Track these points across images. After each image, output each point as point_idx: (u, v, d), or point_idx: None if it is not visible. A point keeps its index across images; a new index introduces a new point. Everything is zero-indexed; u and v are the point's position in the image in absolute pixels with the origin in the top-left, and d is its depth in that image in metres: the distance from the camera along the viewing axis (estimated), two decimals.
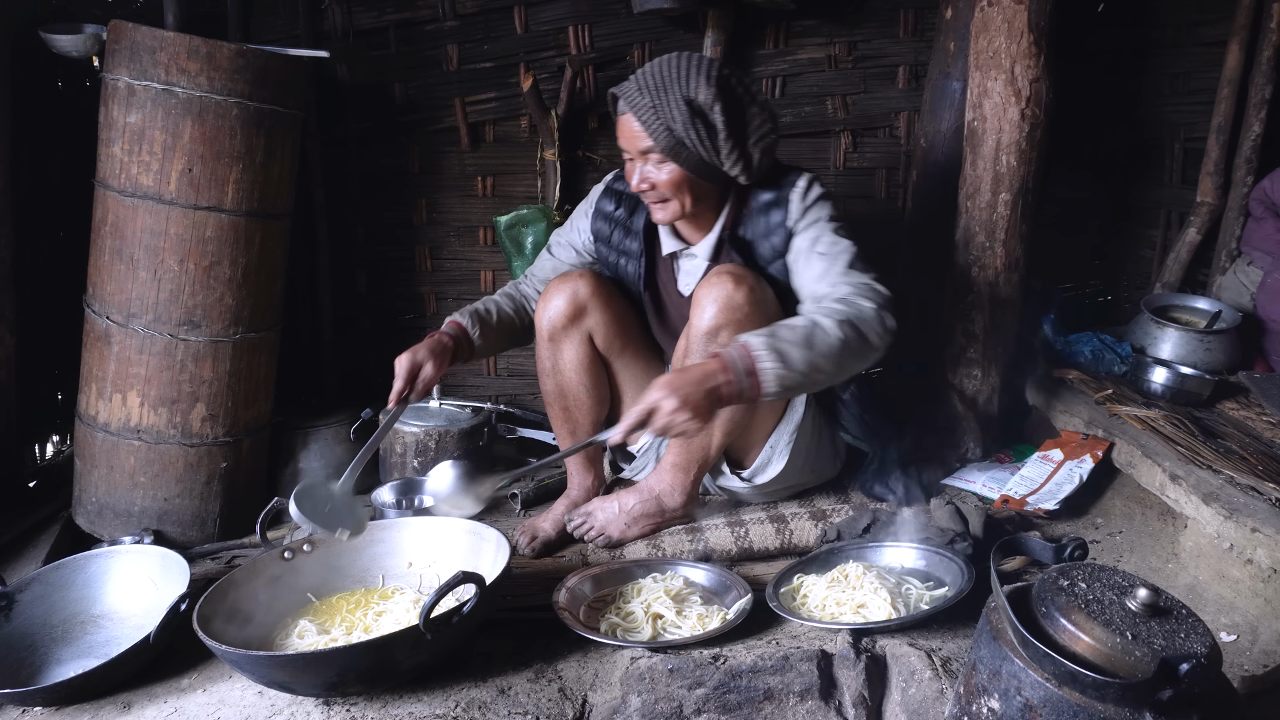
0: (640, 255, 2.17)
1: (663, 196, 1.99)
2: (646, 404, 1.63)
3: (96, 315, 2.29)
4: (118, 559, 1.98)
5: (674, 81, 1.89)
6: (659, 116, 1.89)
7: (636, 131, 1.93)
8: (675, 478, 2.10)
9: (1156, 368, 2.53)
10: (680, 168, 1.94)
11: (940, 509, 2.14)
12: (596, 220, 2.24)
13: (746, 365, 1.65)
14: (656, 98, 1.89)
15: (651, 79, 1.91)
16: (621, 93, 1.94)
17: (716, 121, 1.90)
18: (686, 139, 1.90)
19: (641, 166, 1.97)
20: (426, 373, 1.98)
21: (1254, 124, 2.86)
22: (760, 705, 1.58)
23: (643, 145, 1.93)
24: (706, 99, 1.89)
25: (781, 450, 2.15)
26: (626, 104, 1.93)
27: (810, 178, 2.03)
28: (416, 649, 1.52)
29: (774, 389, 1.66)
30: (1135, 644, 1.18)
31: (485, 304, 2.21)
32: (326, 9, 2.89)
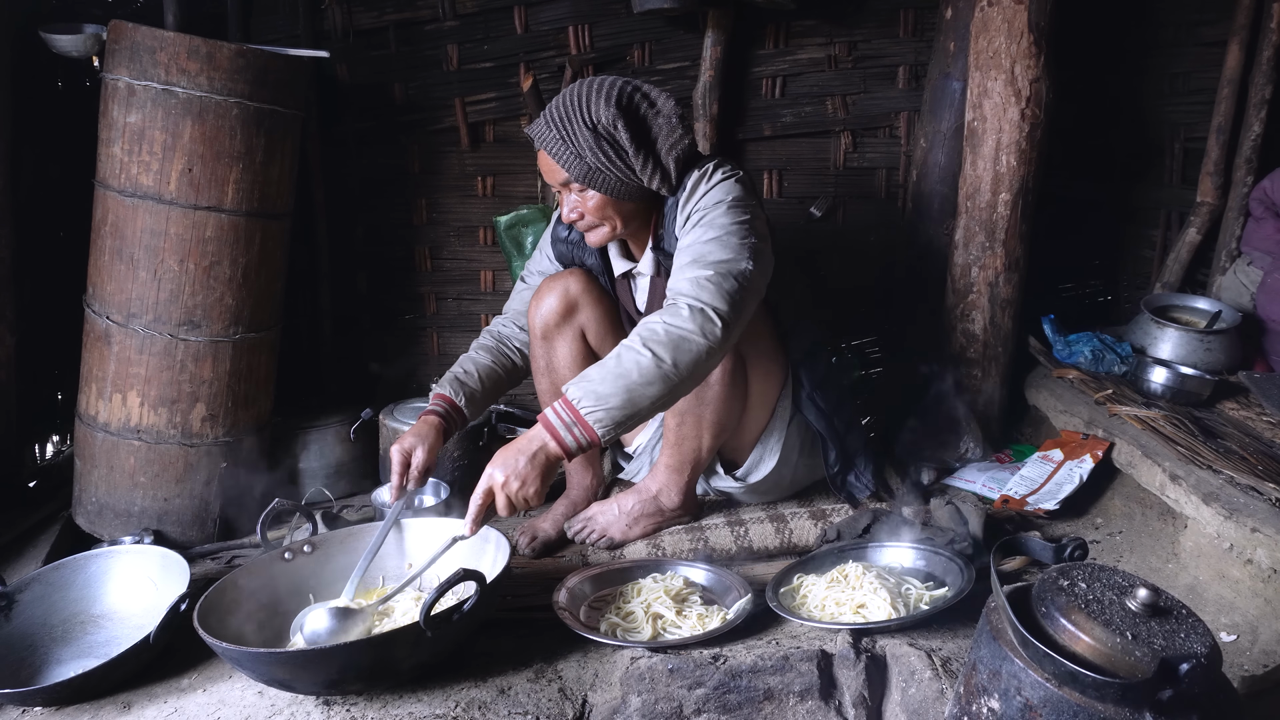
0: (603, 272, 2.19)
1: (592, 224, 2.01)
2: (484, 486, 1.69)
3: (96, 315, 2.29)
4: (118, 559, 1.98)
5: (574, 109, 1.90)
6: (568, 147, 1.90)
7: (552, 166, 1.94)
8: (670, 478, 2.10)
9: (1156, 368, 2.53)
10: (600, 193, 1.94)
11: (940, 509, 2.14)
12: (557, 246, 2.25)
13: (570, 417, 1.66)
14: (562, 129, 1.90)
15: (556, 111, 1.92)
16: (532, 131, 1.96)
17: (622, 140, 1.88)
18: (598, 164, 1.90)
19: (567, 197, 1.99)
20: (418, 459, 1.98)
21: (1254, 124, 2.86)
22: (760, 705, 1.58)
23: (560, 178, 1.95)
24: (608, 120, 1.88)
25: (772, 449, 2.15)
26: (538, 141, 1.94)
27: (700, 171, 1.92)
28: (417, 647, 1.52)
29: (605, 429, 1.65)
30: (1135, 644, 1.18)
31: (465, 366, 2.19)
32: (326, 9, 2.89)
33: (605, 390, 1.65)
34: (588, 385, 1.67)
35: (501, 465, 1.68)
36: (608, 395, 1.65)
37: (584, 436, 1.66)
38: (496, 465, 1.68)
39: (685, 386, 1.72)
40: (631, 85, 1.94)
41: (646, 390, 1.66)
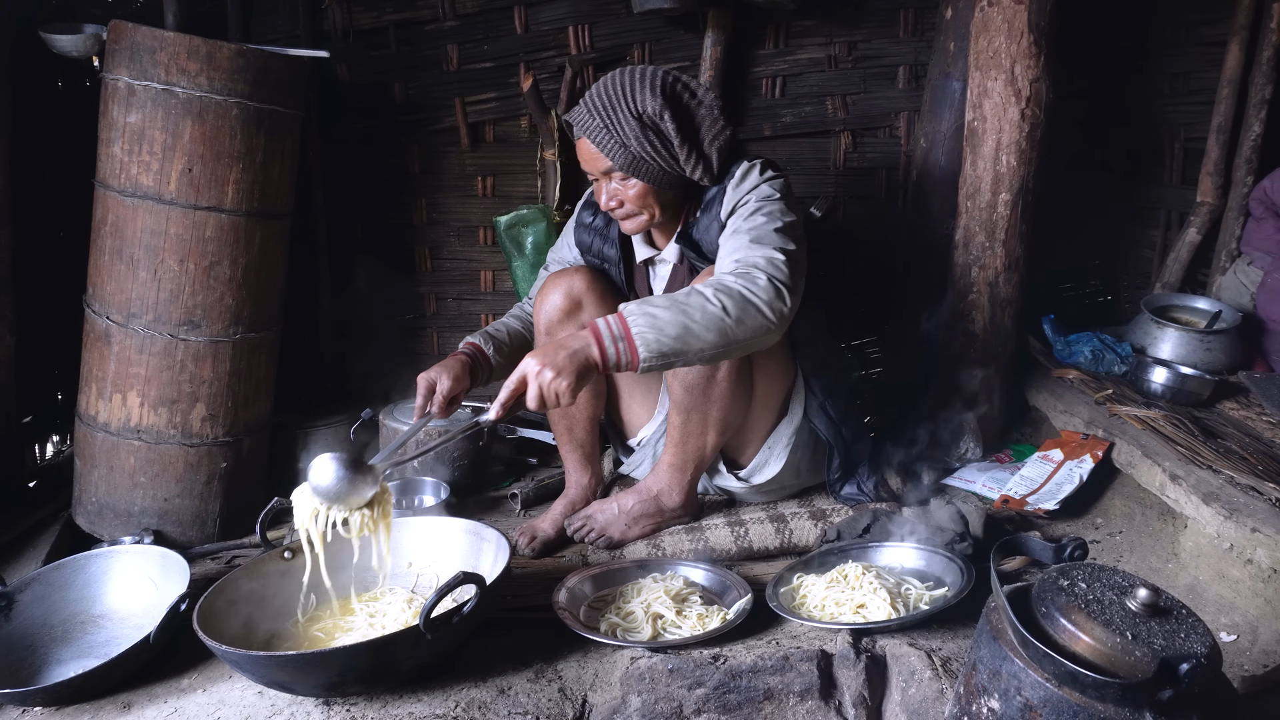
0: (619, 262, 2.21)
1: (630, 212, 2.03)
2: (519, 374, 1.64)
3: (96, 315, 2.29)
4: (118, 559, 1.98)
5: (620, 98, 1.92)
6: (612, 136, 1.92)
7: (594, 154, 1.96)
8: (672, 477, 2.10)
9: (1156, 368, 2.53)
10: (643, 182, 1.97)
11: (940, 509, 2.14)
12: (579, 233, 2.28)
13: (620, 330, 1.64)
14: (607, 117, 1.92)
15: (599, 99, 1.93)
16: (573, 118, 1.97)
17: (668, 130, 1.91)
18: (643, 153, 1.92)
19: (607, 185, 2.00)
20: (442, 386, 1.99)
21: (1254, 124, 2.86)
22: (760, 705, 1.58)
23: (603, 166, 1.96)
24: (655, 110, 1.90)
25: (780, 452, 2.15)
26: (580, 129, 1.95)
27: (750, 164, 1.98)
28: (417, 649, 1.52)
29: (648, 354, 1.63)
30: (1135, 644, 1.18)
31: (495, 325, 2.25)
32: (326, 9, 2.89)
33: (663, 319, 1.64)
34: (647, 308, 1.65)
35: (540, 356, 1.63)
36: (664, 324, 1.63)
37: (626, 354, 1.64)
38: (534, 356, 1.64)
39: (735, 350, 1.72)
40: (672, 75, 1.98)
41: (702, 336, 1.65)
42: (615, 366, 1.65)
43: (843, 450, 2.21)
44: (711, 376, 1.96)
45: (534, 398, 1.63)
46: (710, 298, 1.67)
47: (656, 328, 1.63)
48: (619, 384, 2.28)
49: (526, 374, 1.64)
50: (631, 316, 1.65)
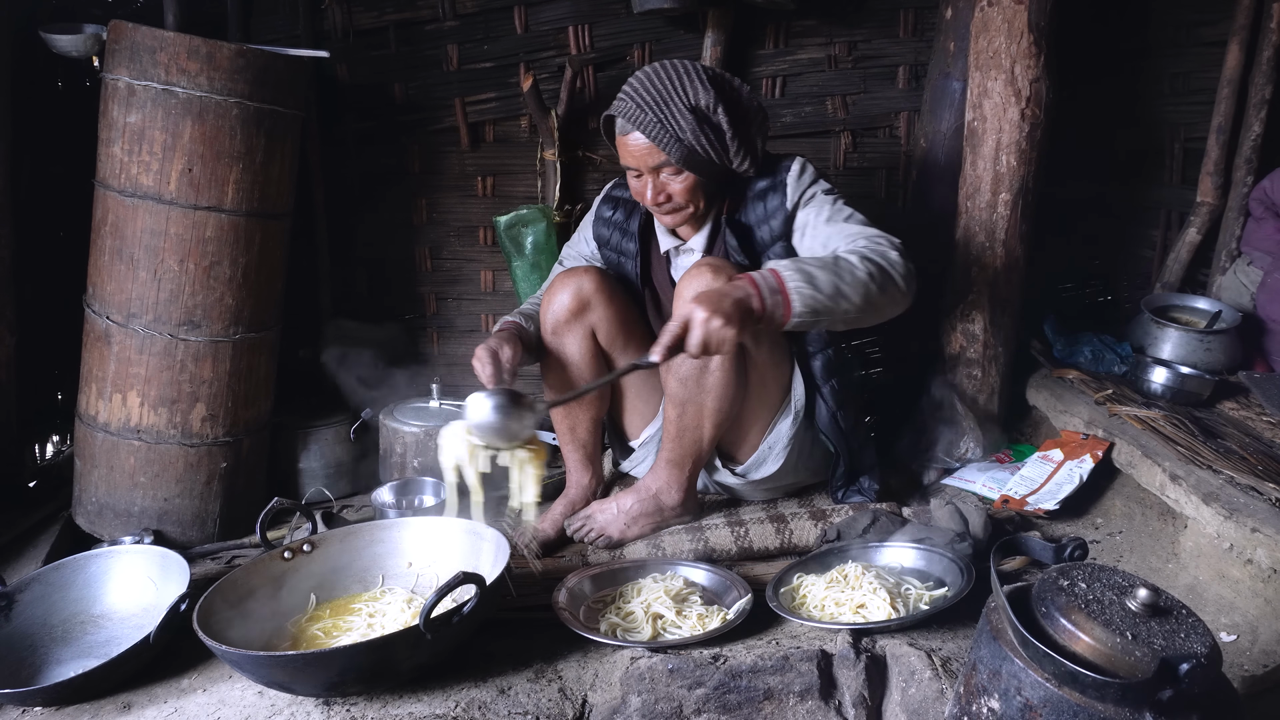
0: (636, 255, 2.22)
1: (678, 205, 2.04)
2: (681, 318, 1.64)
3: (96, 315, 2.29)
4: (118, 559, 1.98)
5: (673, 91, 1.92)
6: (667, 129, 1.92)
7: (646, 148, 1.95)
8: (670, 474, 2.10)
9: (1156, 368, 2.53)
10: (694, 174, 1.98)
11: (940, 509, 2.14)
12: (599, 227, 2.30)
13: (774, 284, 1.68)
14: (660, 111, 1.92)
15: (650, 94, 1.93)
16: (622, 113, 1.96)
17: (721, 122, 1.93)
18: (697, 145, 1.94)
19: (653, 180, 2.00)
20: (504, 354, 1.97)
21: (1254, 124, 2.86)
22: (760, 705, 1.58)
23: (656, 161, 1.96)
24: (708, 102, 1.92)
25: (779, 450, 2.15)
26: (630, 123, 1.95)
27: (803, 160, 2.08)
28: (416, 649, 1.52)
29: (802, 309, 1.67)
30: (1135, 644, 1.18)
31: (519, 311, 2.25)
32: (326, 9, 2.89)
33: (819, 277, 1.70)
34: (801, 264, 1.72)
35: (706, 302, 1.62)
36: (819, 282, 1.69)
37: (780, 307, 1.68)
38: (700, 301, 1.62)
39: (872, 317, 1.80)
40: (710, 69, 1.99)
41: (850, 297, 1.72)
42: (769, 320, 1.68)
43: (848, 459, 2.21)
44: (705, 367, 1.96)
45: (698, 343, 1.63)
46: (857, 263, 1.75)
47: (812, 283, 1.68)
48: (621, 387, 2.28)
49: (691, 319, 1.62)
50: (786, 271, 1.69)
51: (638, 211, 2.22)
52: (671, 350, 1.65)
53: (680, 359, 1.94)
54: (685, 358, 1.90)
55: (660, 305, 2.26)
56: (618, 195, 2.29)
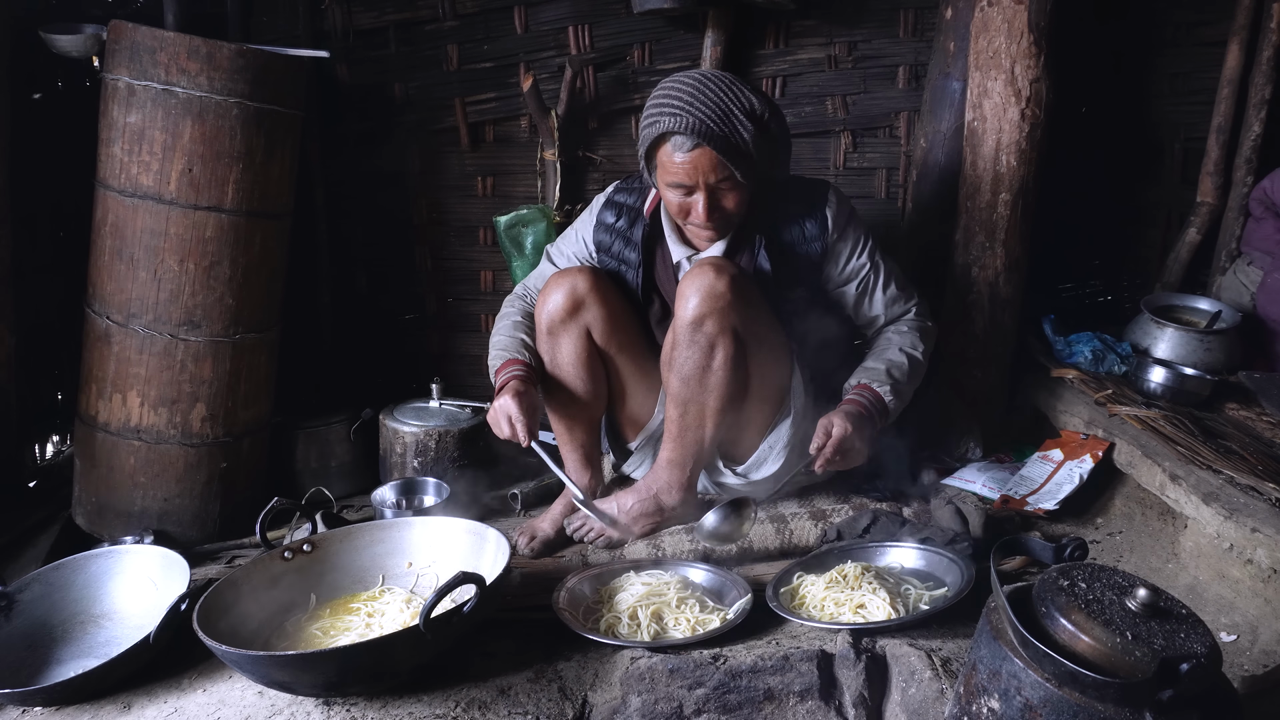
0: (638, 266, 2.19)
1: (728, 219, 2.03)
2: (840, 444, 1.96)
3: (96, 315, 2.29)
4: (118, 559, 1.98)
5: (731, 103, 1.90)
6: (732, 142, 1.90)
7: (713, 163, 1.90)
8: (671, 474, 2.10)
9: (1156, 368, 2.53)
10: (747, 185, 1.97)
11: (940, 509, 2.14)
12: (600, 233, 2.26)
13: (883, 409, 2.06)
14: (725, 124, 1.88)
15: (708, 107, 1.87)
16: (683, 129, 1.87)
17: (774, 130, 1.96)
18: (758, 156, 1.94)
19: (706, 197, 1.95)
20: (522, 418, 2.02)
21: (1254, 124, 2.85)
22: (760, 705, 1.58)
23: (721, 175, 1.93)
24: (761, 109, 1.93)
25: (780, 450, 2.15)
26: (696, 138, 1.87)
27: (837, 190, 2.14)
28: (416, 649, 1.52)
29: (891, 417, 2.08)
30: (1135, 644, 1.18)
31: (519, 332, 2.22)
32: (326, 9, 2.89)
33: (905, 389, 2.09)
34: (895, 385, 2.07)
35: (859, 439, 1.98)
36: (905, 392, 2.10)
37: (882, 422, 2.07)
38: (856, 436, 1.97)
39: None
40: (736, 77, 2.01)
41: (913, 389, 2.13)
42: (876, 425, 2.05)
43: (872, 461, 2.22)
44: (707, 366, 1.96)
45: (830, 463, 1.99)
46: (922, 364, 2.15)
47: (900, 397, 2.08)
48: (619, 386, 2.27)
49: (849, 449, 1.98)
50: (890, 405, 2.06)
51: (641, 220, 2.18)
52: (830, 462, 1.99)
53: (683, 356, 1.96)
54: (686, 355, 1.96)
55: (667, 313, 2.22)
56: (622, 201, 2.24)
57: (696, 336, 1.94)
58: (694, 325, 1.94)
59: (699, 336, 1.94)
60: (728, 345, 1.95)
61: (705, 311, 1.92)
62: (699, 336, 1.94)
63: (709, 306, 1.92)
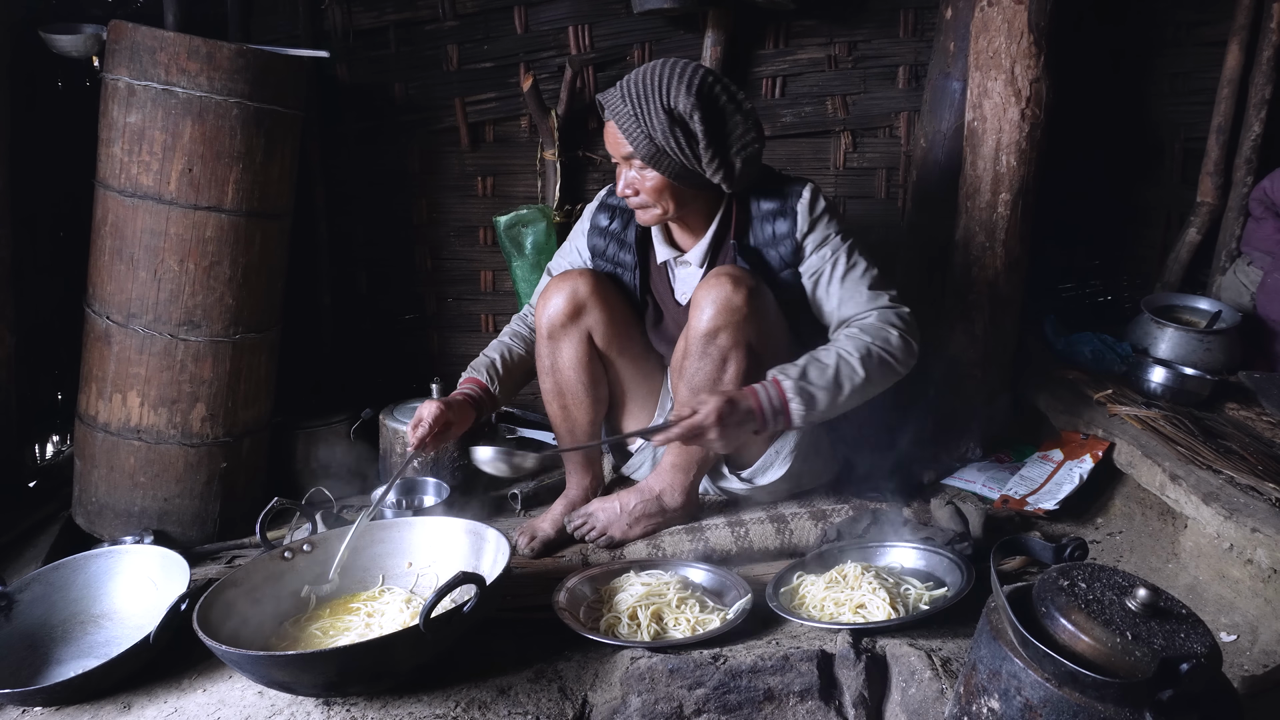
0: (634, 267, 2.19)
1: (645, 203, 2.02)
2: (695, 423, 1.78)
3: (96, 315, 2.29)
4: (118, 559, 1.98)
5: (655, 90, 1.91)
6: (640, 124, 1.91)
7: (619, 138, 1.96)
8: (675, 478, 2.10)
9: (1156, 368, 2.53)
10: (662, 175, 1.96)
11: (940, 509, 2.14)
12: (593, 236, 2.26)
13: (779, 406, 1.83)
14: (638, 105, 1.91)
15: (635, 87, 1.93)
16: (605, 100, 1.97)
17: (696, 130, 1.90)
18: (667, 147, 1.91)
19: (626, 171, 2.00)
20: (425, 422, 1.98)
21: (1254, 124, 2.86)
22: (760, 705, 1.58)
23: (624, 151, 1.96)
24: (686, 108, 1.90)
25: (786, 454, 2.15)
26: (609, 111, 1.95)
27: (814, 188, 2.05)
28: (416, 649, 1.52)
29: (801, 424, 1.85)
30: (1135, 644, 1.18)
31: (499, 351, 2.22)
32: (326, 9, 2.89)
33: (819, 397, 1.84)
34: (806, 386, 1.83)
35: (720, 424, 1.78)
36: (819, 401, 1.83)
37: (782, 424, 1.85)
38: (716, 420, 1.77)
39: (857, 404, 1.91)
40: (714, 76, 1.97)
41: (846, 403, 1.87)
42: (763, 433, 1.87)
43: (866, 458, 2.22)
44: (719, 379, 1.95)
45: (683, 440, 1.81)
46: (858, 367, 1.86)
47: (811, 405, 1.83)
48: (619, 390, 2.27)
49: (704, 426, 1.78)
50: (790, 395, 1.82)
51: (634, 222, 2.18)
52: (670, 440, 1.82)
53: (694, 367, 1.95)
54: (698, 366, 1.95)
55: (661, 317, 2.22)
56: (614, 204, 2.23)
57: (710, 349, 1.93)
58: (708, 337, 1.93)
59: (712, 349, 1.93)
60: (740, 359, 1.94)
61: (720, 324, 1.91)
62: (712, 349, 1.93)
63: (724, 319, 1.91)
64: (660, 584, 1.84)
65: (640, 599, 1.79)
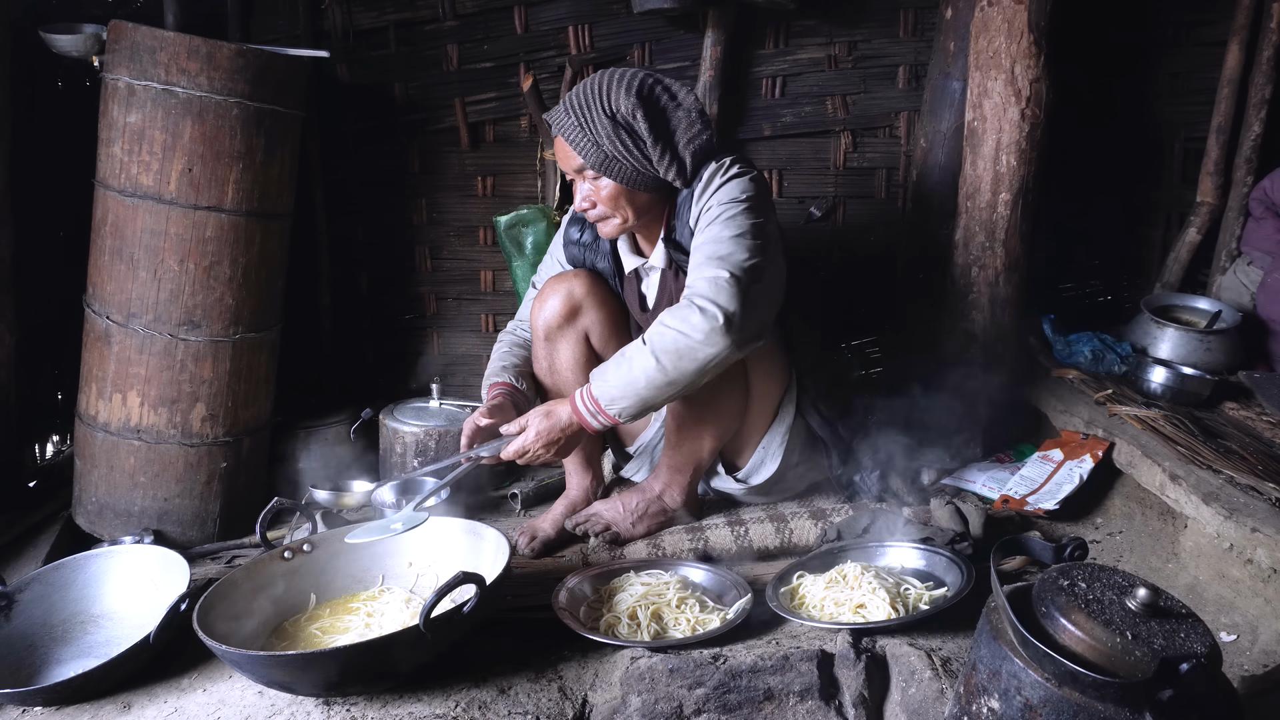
0: (614, 274, 2.18)
1: (604, 214, 2.00)
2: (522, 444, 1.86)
3: (96, 315, 2.29)
4: (118, 559, 1.98)
5: (595, 97, 1.92)
6: (585, 134, 1.91)
7: (567, 151, 1.95)
8: (673, 478, 2.11)
9: (1156, 368, 2.53)
10: (615, 181, 1.94)
11: (940, 509, 2.14)
12: (569, 249, 2.25)
13: (594, 405, 1.82)
14: (581, 116, 1.92)
15: (576, 98, 1.94)
16: (551, 117, 1.97)
17: (640, 129, 1.90)
18: (615, 152, 1.91)
19: (581, 185, 1.99)
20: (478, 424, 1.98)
21: (1254, 124, 2.86)
22: (760, 705, 1.58)
23: (575, 164, 1.95)
24: (627, 109, 1.90)
25: (774, 452, 2.15)
26: (556, 126, 1.95)
27: (717, 164, 1.92)
28: (416, 649, 1.52)
29: (626, 416, 1.82)
30: (1135, 644, 1.18)
31: (509, 359, 2.21)
32: (326, 9, 2.89)
33: (618, 394, 1.80)
34: (605, 386, 1.81)
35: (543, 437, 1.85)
36: (619, 398, 1.80)
37: (607, 421, 1.83)
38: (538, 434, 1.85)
39: (692, 387, 1.81)
40: (654, 77, 1.96)
41: (655, 394, 1.79)
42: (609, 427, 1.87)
43: (841, 448, 2.21)
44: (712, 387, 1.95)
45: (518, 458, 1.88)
46: (648, 356, 1.77)
47: (614, 402, 1.80)
48: None
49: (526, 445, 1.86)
50: (597, 389, 1.82)
51: None
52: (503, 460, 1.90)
53: None
54: None
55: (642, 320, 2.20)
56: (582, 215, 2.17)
57: None
58: None
59: None
60: None
61: None
62: None
63: None
64: (660, 584, 1.84)
65: (640, 599, 1.79)
